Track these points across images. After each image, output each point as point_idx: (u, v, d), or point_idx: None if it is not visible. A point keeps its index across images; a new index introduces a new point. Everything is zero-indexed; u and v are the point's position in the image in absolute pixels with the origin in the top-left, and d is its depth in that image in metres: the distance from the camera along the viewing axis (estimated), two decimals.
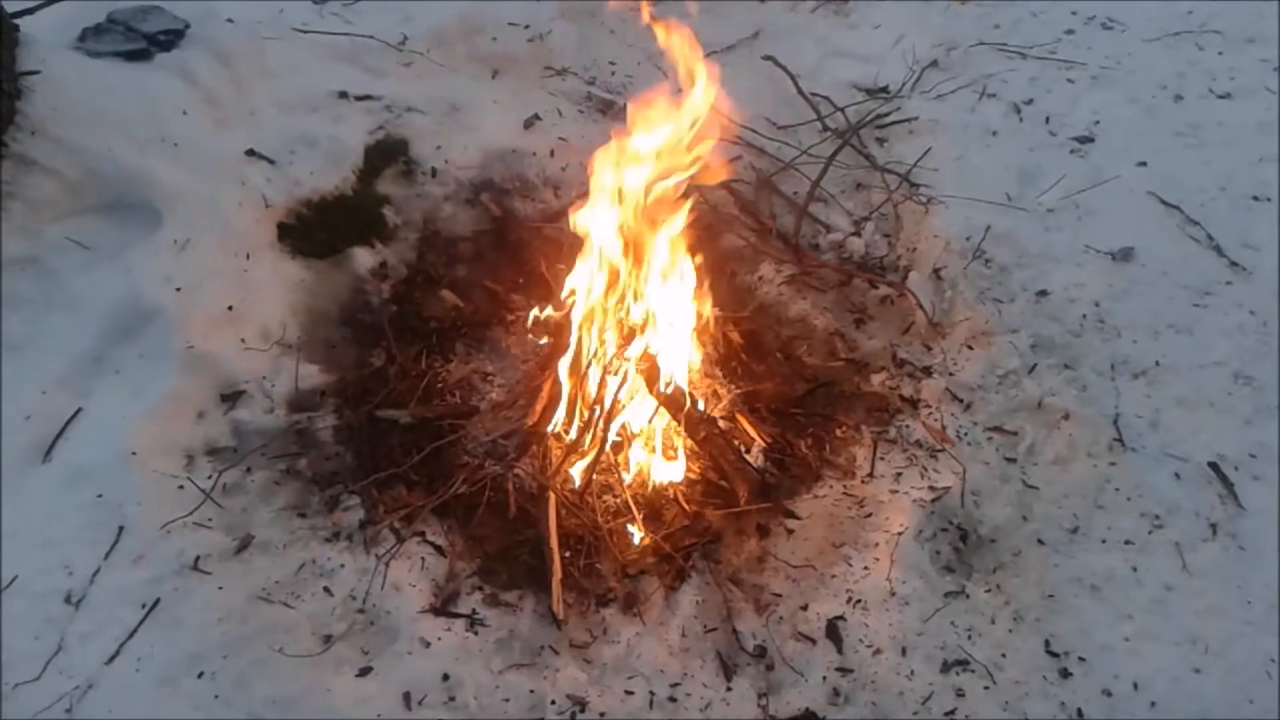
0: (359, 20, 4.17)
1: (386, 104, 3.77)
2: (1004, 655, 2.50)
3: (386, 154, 3.59)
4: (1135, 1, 4.59)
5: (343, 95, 3.77)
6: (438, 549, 2.64)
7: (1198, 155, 3.85)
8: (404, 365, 3.07)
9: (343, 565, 2.57)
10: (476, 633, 2.48)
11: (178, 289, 2.96)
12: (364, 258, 3.32)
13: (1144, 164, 3.82)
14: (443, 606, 2.52)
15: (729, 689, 2.43)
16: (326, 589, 2.52)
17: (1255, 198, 3.66)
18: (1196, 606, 2.58)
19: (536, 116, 3.88)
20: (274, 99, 3.67)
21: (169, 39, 3.60)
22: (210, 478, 2.72)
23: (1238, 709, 2.39)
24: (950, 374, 3.12)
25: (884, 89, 4.19)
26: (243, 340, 2.99)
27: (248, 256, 3.14)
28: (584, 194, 2.87)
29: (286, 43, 3.94)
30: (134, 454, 2.70)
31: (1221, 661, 2.47)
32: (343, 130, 3.62)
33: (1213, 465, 2.87)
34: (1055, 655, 2.50)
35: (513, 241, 3.49)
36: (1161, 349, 3.17)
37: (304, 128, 3.59)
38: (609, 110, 3.99)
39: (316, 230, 3.31)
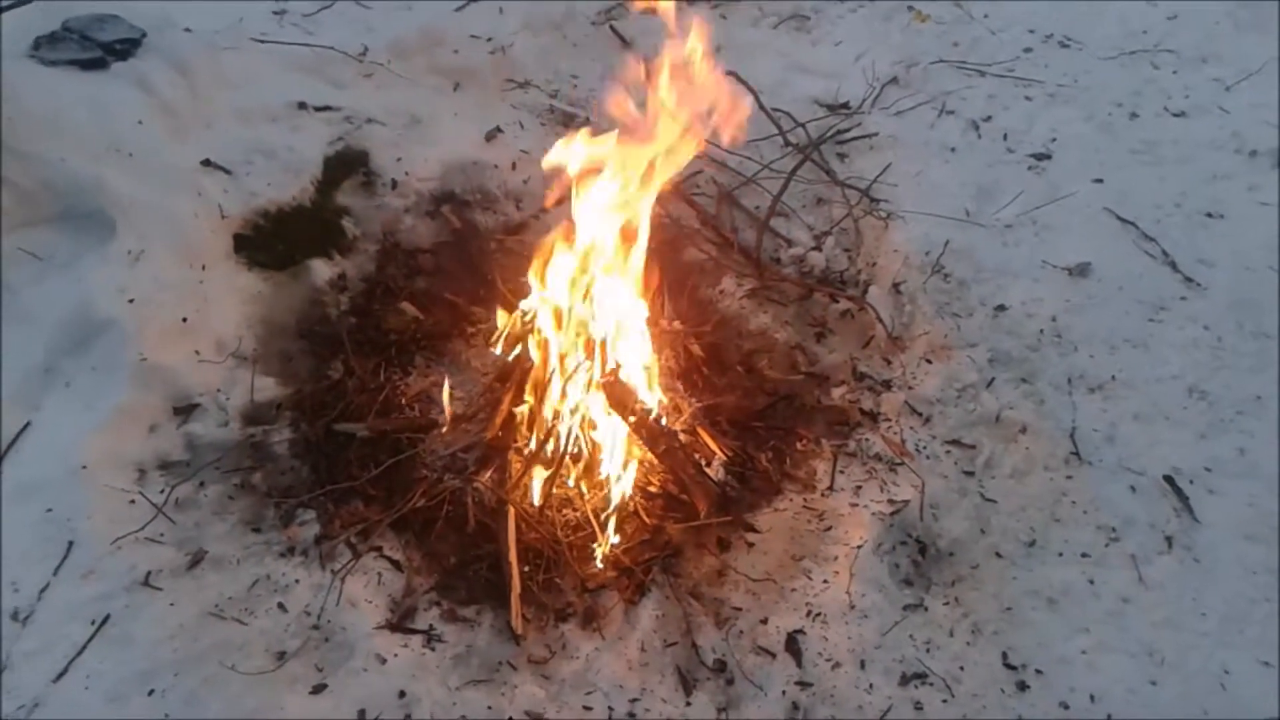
0: (319, 31, 4.16)
1: (346, 115, 3.76)
2: (962, 668, 2.51)
3: (346, 165, 3.57)
4: (1092, 21, 4.67)
5: (302, 106, 3.74)
6: (395, 564, 2.61)
7: (1153, 172, 3.92)
8: (362, 378, 3.05)
9: (297, 581, 2.54)
10: (434, 649, 2.45)
11: (131, 300, 2.92)
12: (322, 269, 3.30)
13: (1100, 181, 3.88)
14: (399, 622, 2.49)
15: (688, 704, 2.42)
16: (280, 605, 2.49)
17: (1209, 214, 3.73)
18: (1152, 619, 2.60)
19: (498, 129, 3.89)
20: (231, 109, 3.64)
21: (125, 48, 3.56)
22: (163, 492, 2.68)
23: None
24: (909, 388, 3.14)
25: (845, 105, 4.23)
26: (197, 352, 2.96)
27: (203, 268, 3.11)
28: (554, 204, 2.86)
29: (245, 53, 3.92)
30: (84, 467, 2.66)
31: (1176, 673, 2.49)
32: (301, 141, 3.59)
33: (1168, 479, 2.90)
34: (1013, 668, 2.51)
35: (474, 254, 3.48)
36: (1118, 363, 3.21)
37: (262, 138, 3.56)
38: (571, 123, 4.00)
39: (274, 241, 3.29)
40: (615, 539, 2.70)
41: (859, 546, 2.71)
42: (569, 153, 2.66)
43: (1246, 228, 3.67)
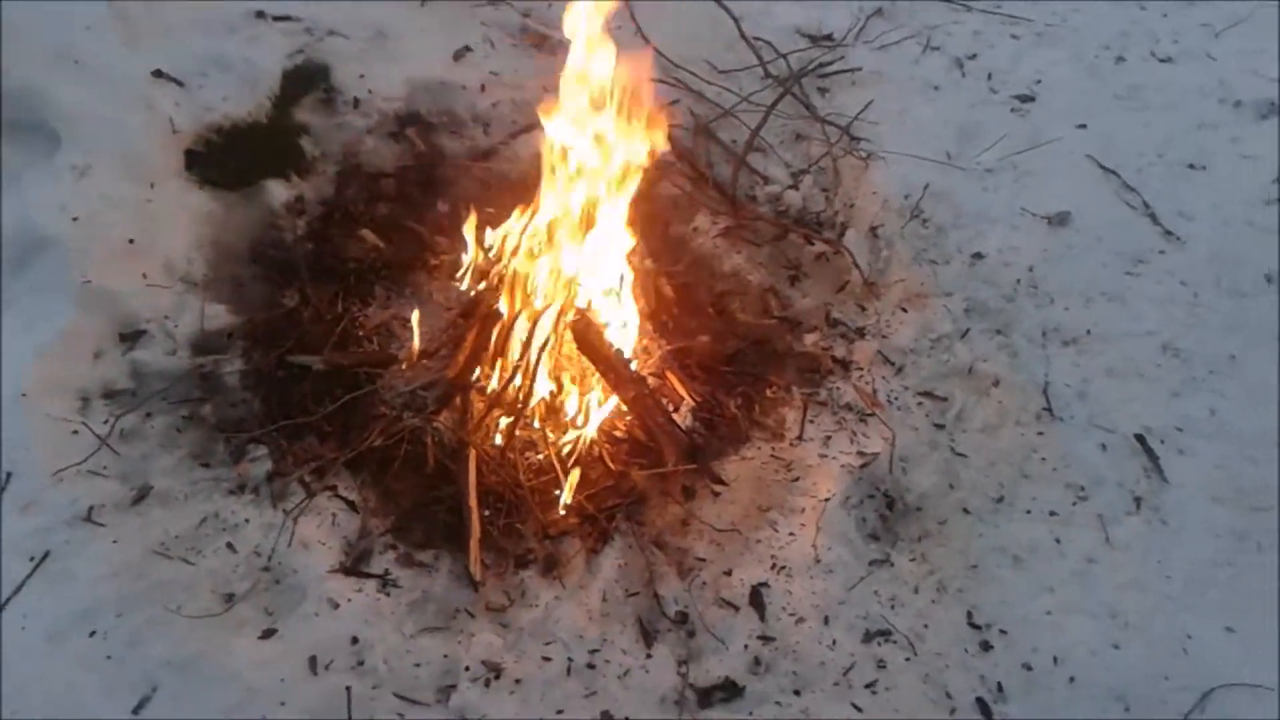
0: None
1: (307, 26, 3.57)
2: (926, 626, 2.47)
3: (305, 80, 3.41)
4: None
5: (260, 15, 3.56)
6: (350, 505, 2.52)
7: (1138, 119, 3.83)
8: (318, 308, 2.92)
9: (247, 520, 2.44)
10: (388, 594, 2.38)
11: (74, 218, 2.76)
12: (278, 191, 3.14)
13: (1084, 126, 3.78)
14: (353, 566, 2.41)
15: (649, 656, 2.37)
16: (229, 545, 2.39)
17: (1192, 165, 3.65)
18: (1117, 580, 2.58)
19: (467, 48, 3.71)
20: (187, 17, 3.45)
21: None
22: (106, 422, 2.56)
23: (1155, 684, 2.39)
24: (883, 336, 3.07)
25: (828, 36, 4.08)
26: (144, 276, 2.81)
27: (152, 185, 2.95)
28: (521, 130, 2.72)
29: None
30: (24, 395, 2.53)
31: (1140, 636, 2.48)
32: (259, 52, 3.42)
33: (1139, 437, 2.87)
34: (977, 627, 2.48)
35: (439, 180, 3.33)
36: (1093, 317, 3.15)
37: (218, 49, 3.39)
38: (543, 44, 3.82)
39: (227, 159, 3.13)
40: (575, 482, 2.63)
41: (826, 499, 2.66)
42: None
43: (1228, 180, 3.60)
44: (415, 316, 2.80)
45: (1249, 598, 2.58)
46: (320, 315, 2.90)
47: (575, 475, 2.60)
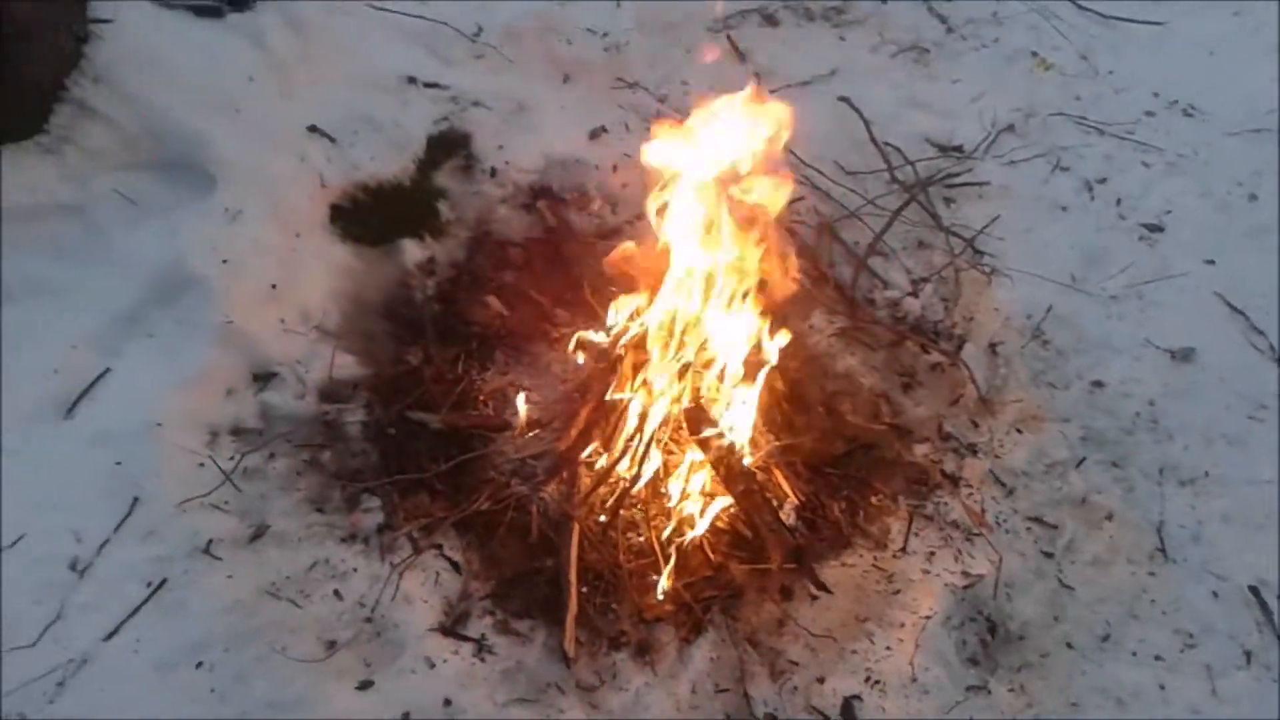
0: (435, 5, 4.11)
1: (453, 95, 3.72)
2: None
3: (448, 147, 3.54)
4: (1218, 91, 4.51)
5: (411, 80, 3.72)
6: (454, 565, 2.57)
7: (1268, 260, 3.77)
8: (440, 368, 3.01)
9: (355, 569, 2.51)
10: (484, 659, 2.41)
11: (224, 260, 2.90)
12: (413, 250, 3.26)
13: (1212, 262, 3.73)
14: (452, 626, 2.45)
15: None
16: (336, 592, 2.46)
17: None
18: None
19: (603, 128, 3.82)
20: (342, 74, 3.62)
21: None
22: (232, 459, 2.67)
23: None
24: (996, 455, 3.04)
25: (957, 147, 4.11)
26: (282, 321, 2.94)
27: (297, 235, 3.09)
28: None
29: (360, 17, 3.91)
30: (159, 425, 2.64)
31: None
32: (407, 116, 3.57)
33: (1253, 589, 2.79)
34: None
35: (565, 254, 3.42)
36: (1212, 459, 3.08)
37: (369, 109, 3.54)
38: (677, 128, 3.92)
39: (369, 216, 3.26)
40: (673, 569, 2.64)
41: (927, 616, 2.63)
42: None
43: None
44: (521, 399, 2.86)
45: None
46: (441, 375, 2.99)
47: (672, 562, 2.61)
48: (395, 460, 2.76)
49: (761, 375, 2.79)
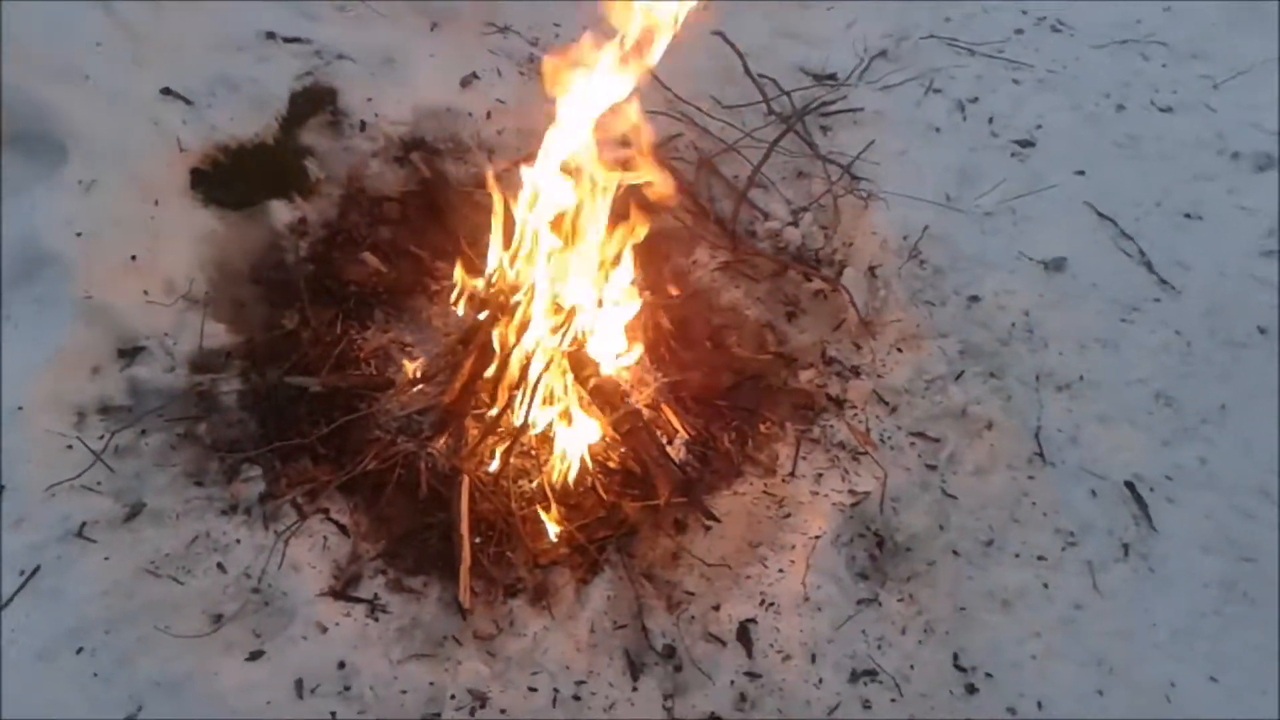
0: None
1: (316, 49, 3.59)
2: (912, 667, 2.48)
3: (313, 102, 3.42)
4: (1086, 4, 4.59)
5: (271, 36, 3.57)
6: (341, 528, 2.53)
7: (1136, 168, 3.87)
8: (318, 330, 2.93)
9: (239, 540, 2.45)
10: (377, 619, 2.38)
11: (79, 233, 2.77)
12: (282, 212, 3.15)
13: (1082, 173, 3.82)
14: (343, 590, 2.42)
15: (635, 689, 2.38)
16: (220, 565, 2.40)
17: (1188, 215, 3.69)
18: (1104, 627, 2.59)
19: (475, 75, 3.74)
20: (197, 35, 3.46)
21: None
22: (102, 438, 2.57)
23: None
24: (878, 375, 3.09)
25: (832, 75, 4.13)
26: (145, 292, 2.82)
27: (156, 203, 2.96)
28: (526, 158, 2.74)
29: None
30: (20, 408, 2.53)
31: (1124, 684, 2.49)
32: (267, 73, 3.43)
33: (1129, 485, 2.89)
34: (963, 670, 2.49)
35: (442, 206, 3.35)
36: (1086, 363, 3.17)
37: (226, 68, 3.39)
38: None
39: (233, 179, 3.14)
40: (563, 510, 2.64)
41: (817, 536, 2.67)
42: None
43: (1224, 231, 3.64)
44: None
45: (1235, 649, 2.60)
46: (319, 337, 2.92)
47: (554, 506, 2.62)
48: (275, 427, 2.68)
49: (632, 304, 2.78)
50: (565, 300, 2.70)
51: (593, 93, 2.56)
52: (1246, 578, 2.74)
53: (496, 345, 2.71)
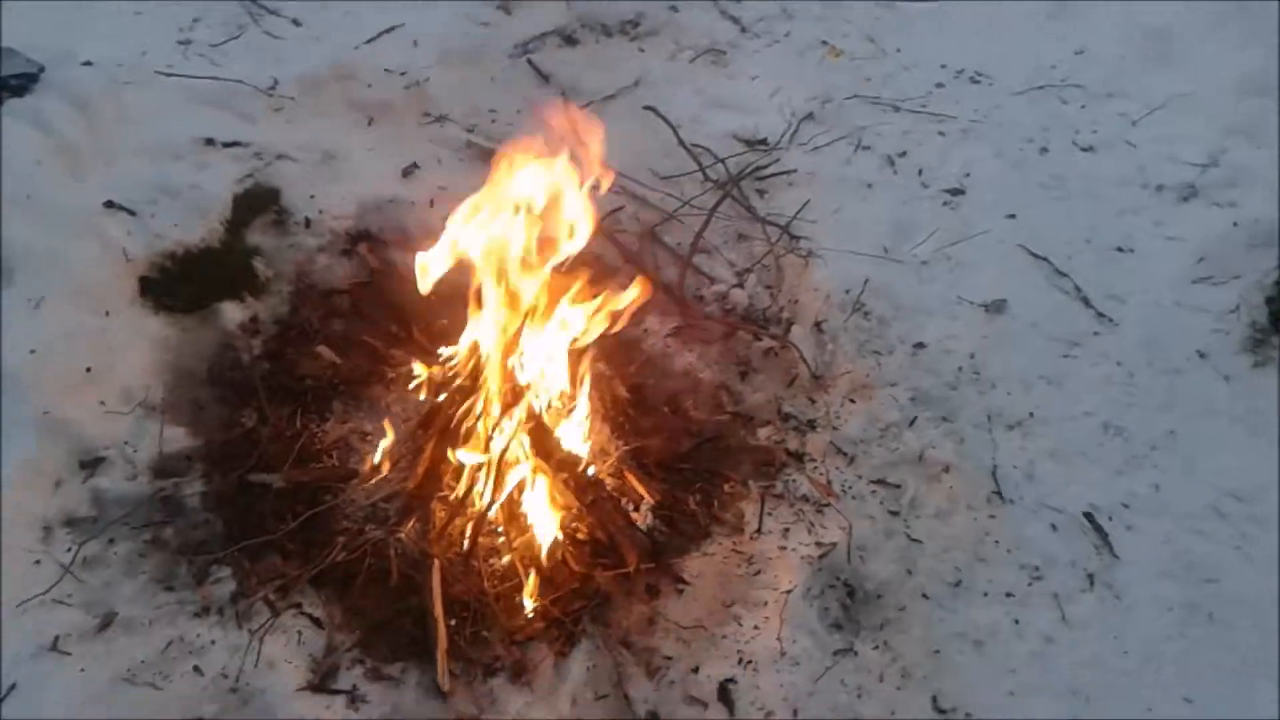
0: (226, 63, 4.13)
1: (256, 151, 3.72)
2: (893, 713, 2.57)
3: (256, 204, 3.54)
4: (1001, 57, 4.85)
5: (209, 142, 3.70)
6: (315, 621, 2.58)
7: (1064, 207, 4.08)
8: (277, 426, 3.01)
9: (213, 642, 2.49)
10: (358, 709, 2.43)
11: (31, 351, 2.84)
12: (233, 312, 3.25)
13: (1013, 216, 4.02)
14: (321, 683, 2.46)
15: None
16: (196, 668, 2.44)
17: (1119, 249, 3.90)
18: (1076, 658, 2.71)
19: (415, 165, 3.88)
20: (135, 147, 3.58)
21: (21, 84, 3.49)
22: (69, 550, 2.62)
23: None
24: (834, 427, 3.22)
25: (763, 140, 4.32)
26: (102, 403, 2.90)
27: (107, 314, 3.05)
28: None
29: (148, 87, 3.88)
30: None
31: (1100, 713, 2.59)
32: (208, 179, 3.54)
33: (1087, 515, 3.02)
34: (943, 712, 2.59)
35: (392, 295, 3.46)
36: (1034, 400, 3.33)
37: (167, 177, 3.50)
38: (490, 158, 4.00)
39: (182, 284, 3.23)
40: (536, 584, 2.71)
41: (788, 591, 2.76)
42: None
43: (1154, 262, 3.84)
44: (389, 433, 2.89)
45: (1203, 668, 2.72)
46: (279, 433, 2.99)
47: (534, 577, 2.69)
48: (241, 526, 2.74)
49: (586, 376, 2.89)
50: (522, 377, 2.81)
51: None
52: (1209, 598, 2.87)
53: (457, 427, 2.81)
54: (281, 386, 3.14)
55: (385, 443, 2.92)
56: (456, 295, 2.91)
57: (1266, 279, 3.63)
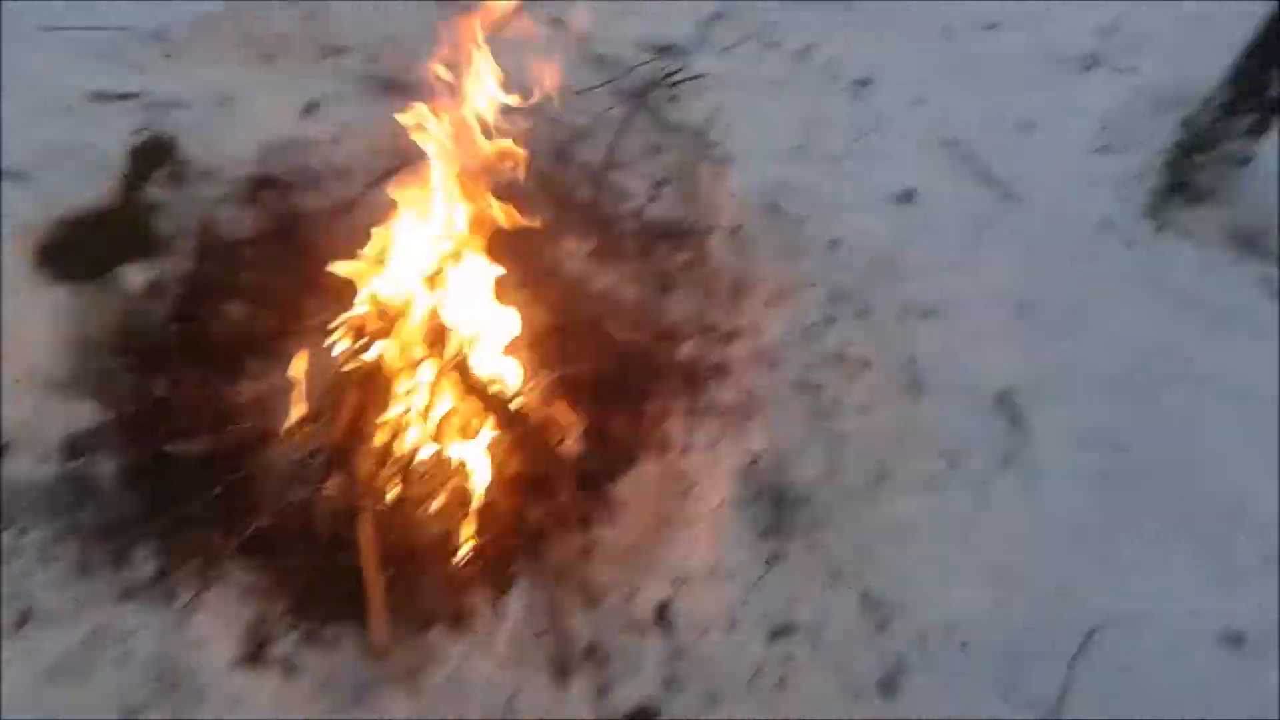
0: (112, 12, 3.65)
1: (149, 101, 3.31)
2: (826, 614, 2.39)
3: (153, 156, 3.14)
4: None
5: (100, 95, 3.28)
6: (245, 591, 2.33)
7: (969, 88, 3.80)
8: (190, 391, 2.69)
9: (139, 626, 2.23)
10: (294, 678, 2.20)
11: None
12: (136, 275, 2.87)
13: (921, 101, 3.73)
14: (255, 654, 2.22)
15: (565, 693, 2.24)
16: (123, 656, 2.18)
17: (1024, 125, 3.63)
18: (997, 538, 2.54)
19: (316, 102, 3.48)
20: (21, 108, 3.15)
21: None
22: None
23: (1040, 636, 2.35)
24: (756, 335, 2.96)
25: (671, 46, 3.94)
26: (6, 385, 2.56)
27: (3, 290, 2.69)
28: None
29: (30, 41, 3.43)
30: None
31: (1022, 590, 2.44)
32: (102, 134, 3.14)
33: (1000, 396, 2.82)
34: (873, 606, 2.41)
35: (302, 239, 3.10)
36: (947, 287, 3.10)
37: (57, 135, 3.09)
38: (393, 89, 3.61)
39: (80, 250, 2.86)
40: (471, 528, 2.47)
41: (720, 504, 2.55)
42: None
43: (1058, 135, 3.60)
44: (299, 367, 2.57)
45: (1121, 534, 2.57)
46: (193, 399, 2.67)
47: (467, 520, 2.45)
48: (160, 501, 2.44)
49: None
50: (444, 316, 2.51)
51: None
52: (1122, 464, 2.70)
53: (377, 372, 2.52)
54: (193, 348, 2.79)
55: (302, 396, 2.62)
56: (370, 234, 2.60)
57: (1166, 143, 3.38)
